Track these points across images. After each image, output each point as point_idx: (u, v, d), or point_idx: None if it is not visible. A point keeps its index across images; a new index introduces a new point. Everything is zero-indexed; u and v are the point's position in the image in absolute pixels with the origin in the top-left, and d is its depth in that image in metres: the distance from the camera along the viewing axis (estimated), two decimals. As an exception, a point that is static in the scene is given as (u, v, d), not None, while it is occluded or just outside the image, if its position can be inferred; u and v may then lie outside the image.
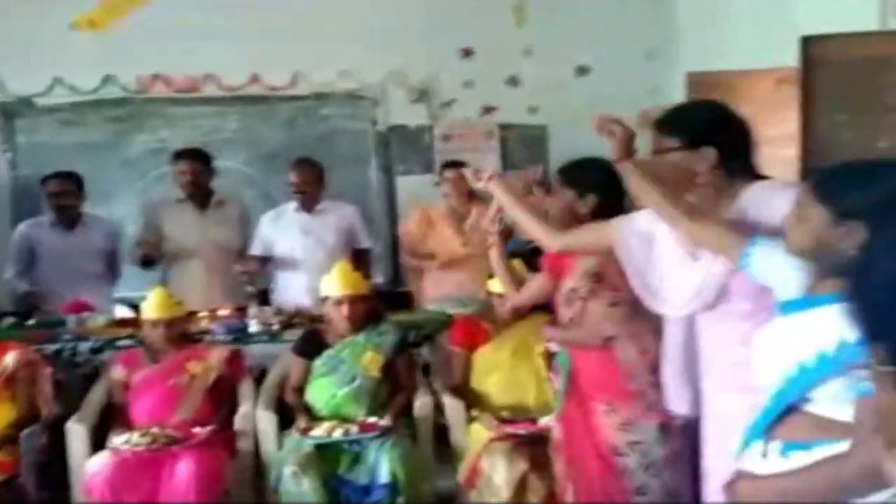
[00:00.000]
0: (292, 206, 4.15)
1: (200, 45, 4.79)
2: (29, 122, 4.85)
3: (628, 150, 2.01)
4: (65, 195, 4.10)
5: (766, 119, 3.04)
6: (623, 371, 2.31)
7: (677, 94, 4.21)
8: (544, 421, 2.96)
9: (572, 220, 2.37)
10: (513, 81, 5.14)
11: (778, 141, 2.95)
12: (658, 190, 1.91)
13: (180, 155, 4.20)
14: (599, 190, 2.37)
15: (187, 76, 4.91)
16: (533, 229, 2.32)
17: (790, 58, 3.01)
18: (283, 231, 4.12)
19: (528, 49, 5.09)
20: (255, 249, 4.10)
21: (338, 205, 4.23)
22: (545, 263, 2.53)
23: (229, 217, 4.19)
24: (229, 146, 4.96)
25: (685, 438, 2.22)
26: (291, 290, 4.09)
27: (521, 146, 5.19)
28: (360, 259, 4.06)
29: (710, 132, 1.91)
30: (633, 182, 1.98)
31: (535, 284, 2.65)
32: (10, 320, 3.91)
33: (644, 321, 2.23)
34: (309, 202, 4.12)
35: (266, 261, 4.09)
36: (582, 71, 5.18)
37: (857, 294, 0.94)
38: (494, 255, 2.68)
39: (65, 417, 3.08)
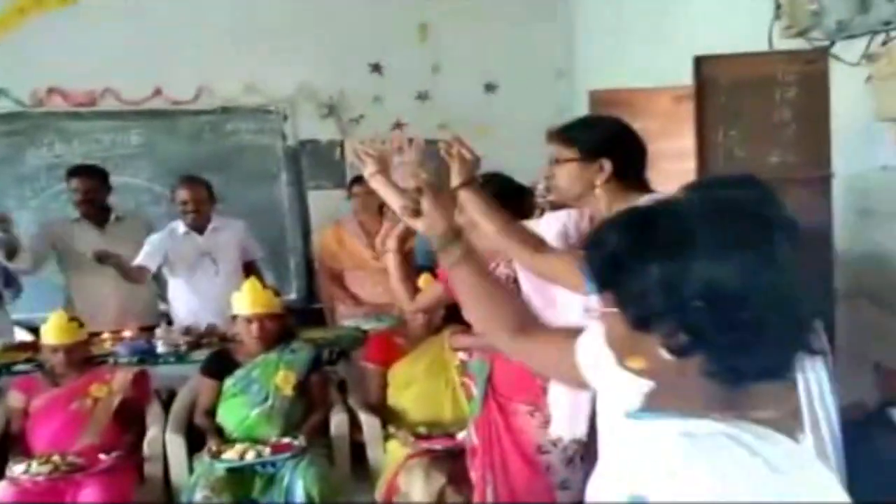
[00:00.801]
0: (181, 227, 3.98)
1: (100, 57, 4.64)
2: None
3: (471, 175, 2.06)
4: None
5: (664, 135, 3.18)
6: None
7: (582, 112, 4.33)
8: (461, 435, 2.97)
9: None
10: (422, 97, 5.18)
11: (677, 155, 3.08)
12: (499, 219, 1.96)
13: (74, 172, 4.03)
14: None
15: (86, 90, 4.73)
16: (510, 246, 2.07)
17: (686, 77, 3.15)
18: (177, 253, 3.96)
19: (437, 66, 5.15)
20: (146, 262, 3.86)
21: (228, 221, 4.12)
22: (441, 273, 2.55)
23: (130, 233, 4.04)
24: (132, 161, 4.81)
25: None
26: (187, 310, 3.99)
27: (431, 162, 5.22)
28: (252, 270, 4.00)
29: (606, 144, 1.95)
30: (475, 210, 2.03)
31: (432, 293, 2.69)
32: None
33: None
34: (200, 221, 3.99)
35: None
36: (490, 88, 5.27)
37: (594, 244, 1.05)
38: (391, 261, 2.67)
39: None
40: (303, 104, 5.06)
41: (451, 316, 3.25)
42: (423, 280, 2.96)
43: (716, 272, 0.94)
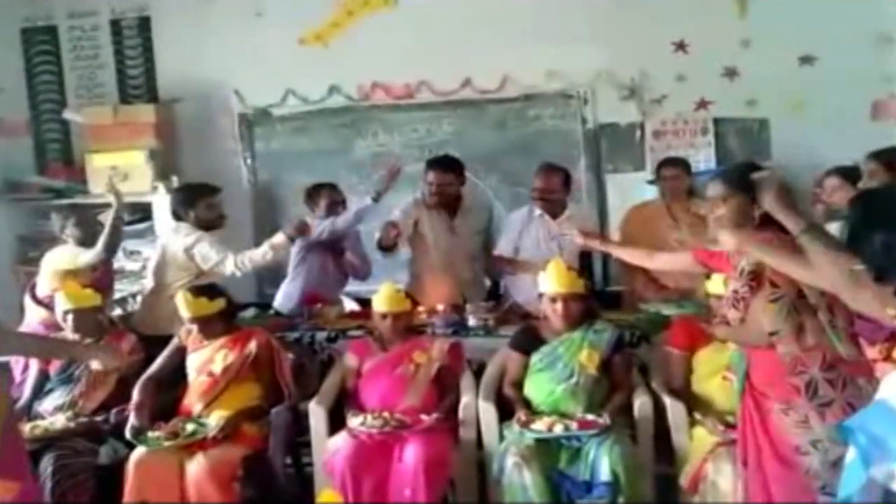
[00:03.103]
0: (536, 211, 4.14)
1: (415, 53, 5.06)
2: (265, 131, 5.32)
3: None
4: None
5: None
6: (788, 367, 2.30)
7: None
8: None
9: (746, 224, 2.38)
10: (729, 74, 4.94)
11: None
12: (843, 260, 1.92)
13: (431, 164, 4.26)
14: None
15: (404, 83, 5.17)
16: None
17: None
18: (529, 236, 4.13)
19: (746, 40, 4.88)
20: (504, 251, 4.14)
21: (579, 209, 4.22)
22: (698, 251, 2.73)
23: (477, 222, 4.32)
24: (443, 148, 5.12)
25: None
26: (525, 292, 4.10)
27: (738, 141, 4.98)
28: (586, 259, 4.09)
29: None
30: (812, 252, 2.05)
31: (675, 257, 3.03)
32: (252, 311, 4.32)
33: (806, 316, 2.26)
34: (553, 208, 4.12)
35: None
36: (805, 60, 4.88)
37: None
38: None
39: (304, 399, 3.36)
40: (603, 87, 5.08)
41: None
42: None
43: None
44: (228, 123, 5.32)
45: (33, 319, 4.04)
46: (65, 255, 4.02)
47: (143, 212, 5.06)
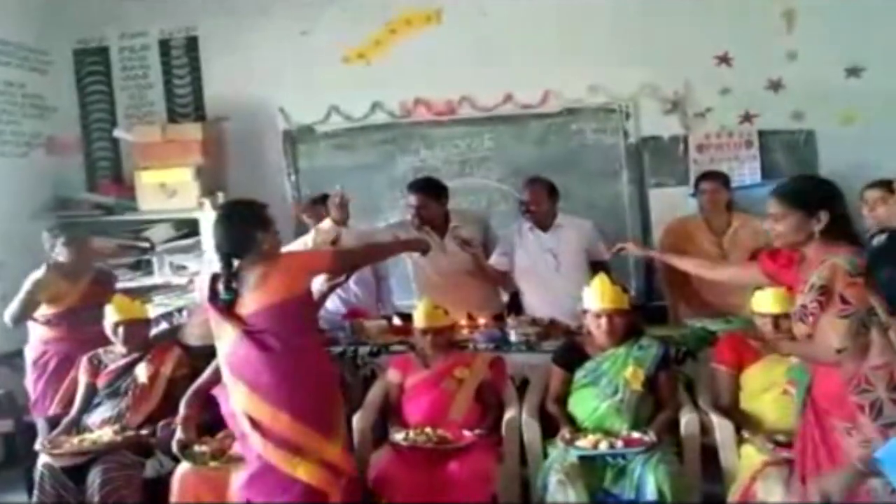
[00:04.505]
0: (526, 224, 4.20)
1: (457, 70, 5.09)
2: (309, 148, 5.39)
3: None
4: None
5: None
6: (853, 385, 2.21)
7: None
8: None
9: (804, 240, 2.39)
10: (774, 86, 4.88)
11: None
12: None
13: (409, 187, 4.33)
14: (830, 205, 2.36)
15: (446, 99, 5.20)
16: None
17: None
18: (523, 249, 4.19)
19: (792, 52, 4.81)
20: (498, 264, 4.20)
21: (574, 220, 4.24)
22: (765, 258, 2.70)
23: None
24: (484, 163, 5.19)
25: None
26: (529, 302, 4.20)
27: (784, 154, 4.91)
28: (598, 271, 4.04)
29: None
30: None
31: (740, 270, 3.07)
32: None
33: (875, 334, 2.15)
34: (542, 220, 4.16)
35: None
36: (852, 72, 4.80)
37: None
38: None
39: (349, 412, 3.37)
40: (645, 101, 5.04)
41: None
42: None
43: None
44: (273, 140, 5.40)
45: (35, 337, 4.09)
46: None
47: (189, 227, 5.15)
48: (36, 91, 5.25)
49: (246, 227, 2.91)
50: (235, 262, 2.93)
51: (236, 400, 2.91)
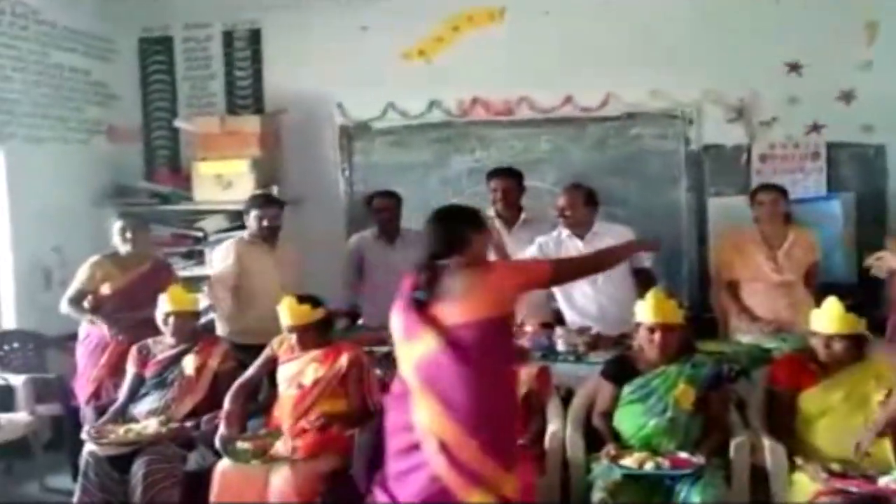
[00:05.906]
0: (565, 231, 4.09)
1: (517, 69, 5.04)
2: (364, 144, 5.39)
3: None
4: (386, 211, 4.50)
5: None
6: None
7: None
8: (885, 481, 2.68)
9: None
10: (845, 97, 4.70)
11: None
12: None
13: (493, 173, 4.42)
14: None
15: (504, 99, 5.14)
16: None
17: None
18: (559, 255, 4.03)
19: (867, 62, 4.63)
20: None
21: (611, 227, 4.11)
22: None
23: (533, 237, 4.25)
24: (540, 166, 5.10)
25: None
26: (573, 311, 4.10)
27: (852, 167, 4.73)
28: (640, 278, 3.95)
29: None
30: None
31: None
32: (343, 322, 4.35)
33: None
34: (576, 226, 4.05)
35: None
36: (931, 84, 4.60)
37: None
38: None
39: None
40: (709, 108, 4.92)
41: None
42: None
43: None
44: (330, 135, 5.41)
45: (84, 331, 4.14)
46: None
47: (242, 219, 5.18)
48: (100, 79, 5.35)
49: (458, 225, 2.65)
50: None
51: (422, 416, 2.55)
